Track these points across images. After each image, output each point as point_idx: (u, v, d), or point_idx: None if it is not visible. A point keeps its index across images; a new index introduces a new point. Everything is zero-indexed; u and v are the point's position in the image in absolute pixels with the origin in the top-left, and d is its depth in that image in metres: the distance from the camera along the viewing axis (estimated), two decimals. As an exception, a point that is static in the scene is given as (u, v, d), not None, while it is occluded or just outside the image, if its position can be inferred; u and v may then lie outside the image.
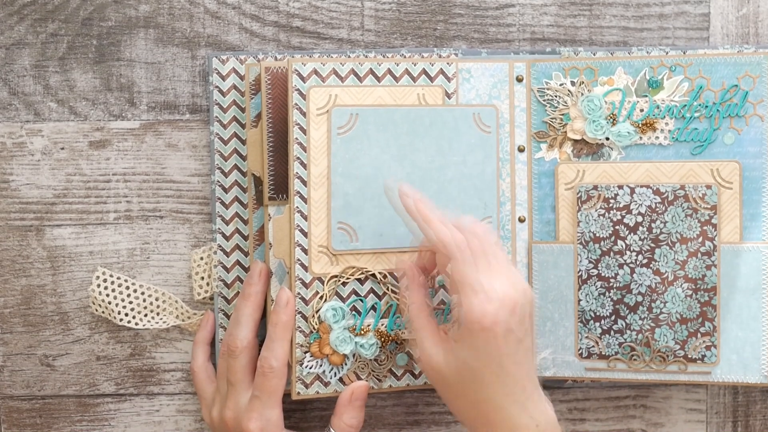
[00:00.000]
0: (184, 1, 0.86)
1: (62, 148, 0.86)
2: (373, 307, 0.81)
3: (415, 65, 0.81)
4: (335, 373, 0.81)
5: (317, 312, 0.80)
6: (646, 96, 0.83)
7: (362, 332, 0.81)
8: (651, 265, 0.83)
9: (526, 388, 0.74)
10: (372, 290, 0.81)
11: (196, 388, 0.85)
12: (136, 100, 0.86)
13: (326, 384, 0.81)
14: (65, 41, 0.86)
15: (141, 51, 0.86)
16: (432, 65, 0.82)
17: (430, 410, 0.90)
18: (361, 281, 0.81)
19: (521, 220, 0.86)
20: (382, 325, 0.82)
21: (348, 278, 0.81)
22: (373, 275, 0.81)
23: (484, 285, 0.73)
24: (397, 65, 0.81)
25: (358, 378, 0.81)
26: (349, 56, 0.84)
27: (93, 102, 0.86)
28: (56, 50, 0.86)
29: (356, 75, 0.80)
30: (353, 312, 0.81)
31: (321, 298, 0.80)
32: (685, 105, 0.83)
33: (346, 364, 0.81)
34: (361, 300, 0.81)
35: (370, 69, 0.80)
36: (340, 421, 0.81)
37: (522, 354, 0.73)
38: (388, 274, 0.82)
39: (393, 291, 0.82)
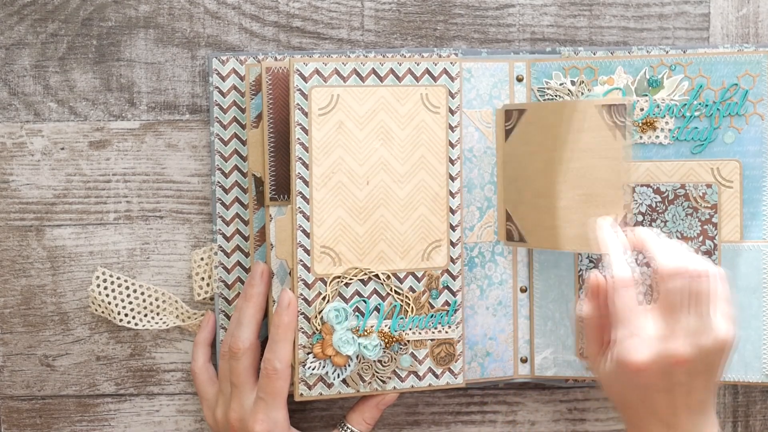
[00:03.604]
0: (184, 1, 0.86)
1: (62, 149, 0.86)
2: (377, 308, 0.81)
3: (418, 65, 0.81)
4: (338, 375, 0.81)
5: (320, 313, 0.80)
6: (646, 95, 0.83)
7: (365, 333, 0.81)
8: (652, 265, 0.83)
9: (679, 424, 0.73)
10: (375, 291, 0.81)
11: (197, 390, 0.85)
12: (136, 101, 0.86)
13: (329, 385, 0.81)
14: (65, 41, 0.86)
15: (141, 51, 0.86)
16: (435, 65, 0.81)
17: (430, 410, 0.90)
18: (364, 282, 0.81)
19: (522, 220, 0.86)
20: (386, 326, 0.81)
21: (351, 279, 0.81)
22: (377, 276, 0.81)
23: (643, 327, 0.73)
24: (400, 65, 0.81)
25: (362, 379, 0.81)
26: (349, 56, 0.84)
27: (93, 102, 0.86)
28: (56, 50, 0.86)
29: (359, 75, 0.80)
30: (356, 313, 0.81)
31: (324, 299, 0.80)
32: (685, 104, 0.83)
33: (349, 366, 0.81)
34: (365, 301, 0.81)
35: (373, 69, 0.80)
36: (359, 416, 0.83)
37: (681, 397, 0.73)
38: (391, 275, 0.81)
39: (396, 292, 0.81)
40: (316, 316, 0.80)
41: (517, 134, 0.84)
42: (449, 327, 0.83)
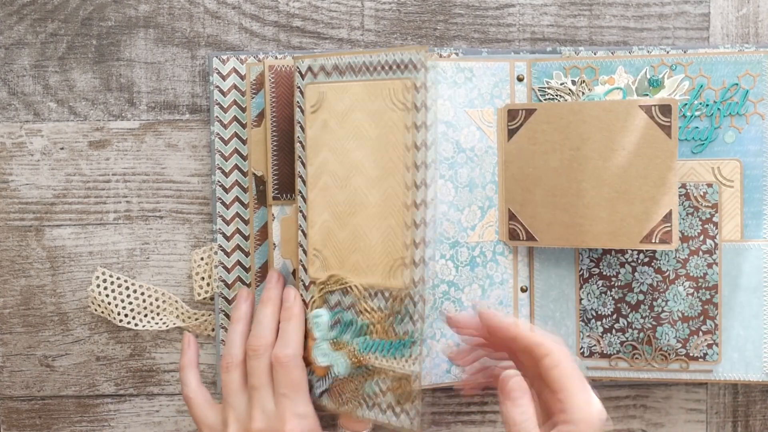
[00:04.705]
0: (184, 1, 0.86)
1: (62, 148, 0.86)
2: (351, 323, 0.76)
3: (386, 56, 0.74)
4: (320, 385, 0.77)
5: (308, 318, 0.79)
6: (647, 95, 0.83)
7: (340, 347, 0.76)
8: (652, 264, 0.84)
9: None
10: (352, 304, 0.76)
11: (194, 416, 0.79)
12: (135, 100, 0.86)
13: (313, 394, 0.77)
14: (65, 41, 0.86)
15: (141, 51, 0.86)
16: (402, 54, 0.73)
17: (431, 410, 0.90)
18: (344, 292, 0.77)
19: (522, 220, 0.86)
20: (356, 343, 0.76)
21: (333, 287, 0.77)
22: (352, 287, 0.76)
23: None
24: (371, 57, 0.75)
25: (340, 396, 0.76)
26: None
27: (93, 102, 0.86)
28: (56, 50, 0.86)
29: (338, 70, 0.77)
30: (336, 324, 0.77)
31: (313, 303, 0.78)
32: (686, 104, 0.83)
33: (328, 378, 0.77)
34: (343, 312, 0.76)
35: (349, 63, 0.76)
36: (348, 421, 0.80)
37: None
38: (363, 289, 0.76)
39: (365, 309, 0.76)
40: (307, 320, 0.79)
41: (524, 134, 0.83)
42: (405, 360, 0.74)
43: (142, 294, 0.87)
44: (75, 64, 0.86)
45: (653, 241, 0.79)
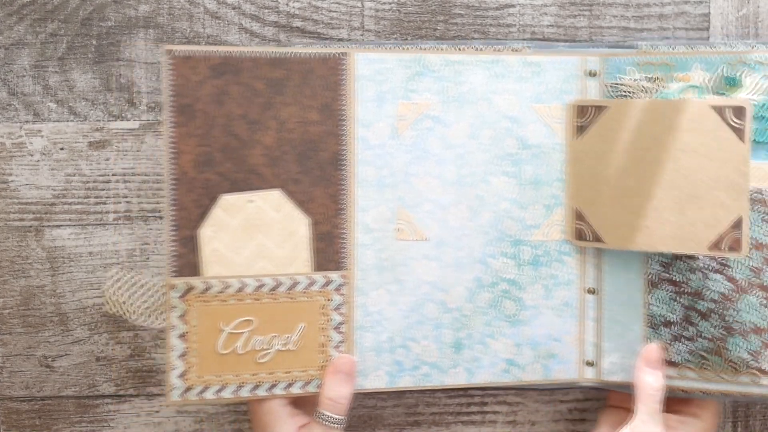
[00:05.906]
0: (184, 1, 0.86)
1: (62, 149, 0.86)
2: None
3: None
4: None
5: None
6: (724, 94, 0.79)
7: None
8: (724, 271, 0.79)
9: None
10: None
11: None
12: (135, 101, 0.86)
13: None
14: (65, 41, 0.86)
15: (141, 51, 0.86)
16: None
17: (431, 411, 0.90)
18: None
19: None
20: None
21: None
22: None
23: None
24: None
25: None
26: (421, 48, 0.82)
27: (93, 102, 0.86)
28: (56, 50, 0.86)
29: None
30: None
31: None
32: (764, 104, 0.79)
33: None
34: None
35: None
36: (321, 395, 0.79)
37: None
38: None
39: None
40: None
41: (595, 131, 0.81)
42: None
43: (156, 292, 0.86)
44: (75, 64, 0.86)
45: (722, 248, 0.75)
